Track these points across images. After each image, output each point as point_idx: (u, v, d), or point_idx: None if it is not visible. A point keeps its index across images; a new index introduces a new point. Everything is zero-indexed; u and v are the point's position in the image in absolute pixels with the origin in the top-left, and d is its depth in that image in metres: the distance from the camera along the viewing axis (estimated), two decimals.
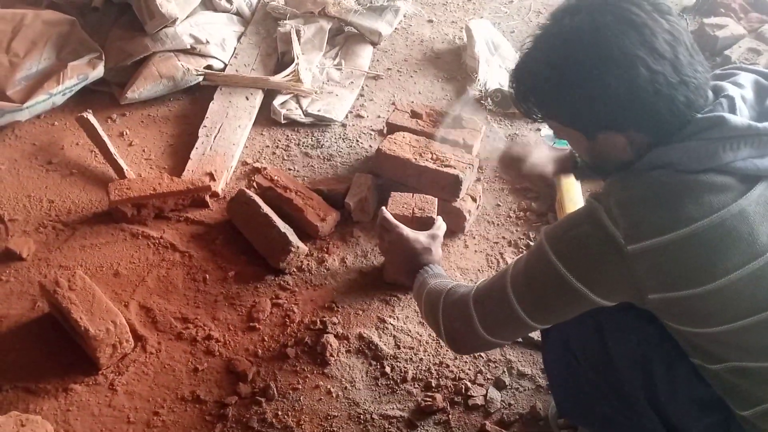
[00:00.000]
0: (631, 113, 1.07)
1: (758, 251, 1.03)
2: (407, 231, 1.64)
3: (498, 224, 2.15)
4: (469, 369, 1.74)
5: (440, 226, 1.74)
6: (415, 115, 2.29)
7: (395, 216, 1.75)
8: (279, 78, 2.61)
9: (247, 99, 2.57)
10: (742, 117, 1.07)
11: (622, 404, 1.28)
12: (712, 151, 1.04)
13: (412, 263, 1.58)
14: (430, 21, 3.17)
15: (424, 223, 1.79)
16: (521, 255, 1.26)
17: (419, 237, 1.63)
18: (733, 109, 1.08)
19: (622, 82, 1.04)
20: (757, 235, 1.03)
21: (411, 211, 1.84)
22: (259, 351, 1.77)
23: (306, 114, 2.53)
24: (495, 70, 2.75)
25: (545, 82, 1.14)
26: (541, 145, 1.81)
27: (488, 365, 1.75)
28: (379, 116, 2.58)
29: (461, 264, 2.02)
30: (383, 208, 1.74)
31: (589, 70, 1.06)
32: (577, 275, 1.12)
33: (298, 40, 2.75)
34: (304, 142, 2.45)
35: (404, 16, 3.14)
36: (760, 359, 1.11)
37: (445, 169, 2.02)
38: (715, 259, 1.03)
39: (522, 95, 1.20)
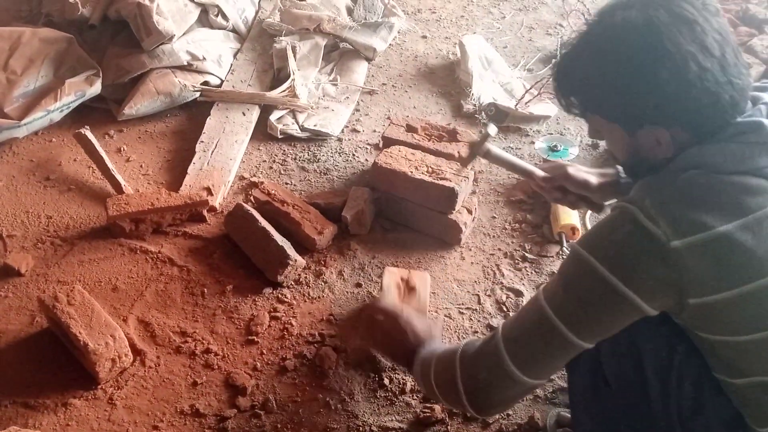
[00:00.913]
0: (678, 108, 1.09)
1: None
2: (402, 312, 1.55)
3: (494, 236, 2.16)
4: None
5: (437, 324, 1.67)
6: (410, 129, 2.31)
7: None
8: (275, 93, 2.63)
9: (244, 114, 2.60)
10: None
11: (646, 426, 1.26)
12: (749, 155, 1.07)
13: (411, 343, 1.49)
14: (424, 37, 3.20)
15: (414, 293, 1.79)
16: (547, 281, 1.23)
17: (419, 318, 1.57)
18: None
19: (673, 77, 1.06)
20: None
21: (405, 284, 1.81)
22: (258, 364, 1.77)
23: (302, 129, 2.56)
24: (488, 84, 2.78)
25: (594, 75, 1.15)
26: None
27: None
28: (374, 130, 2.61)
29: (458, 276, 2.03)
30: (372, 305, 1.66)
31: (642, 63, 1.08)
32: (623, 277, 1.09)
33: (294, 56, 2.78)
34: (300, 157, 2.47)
35: (398, 33, 3.17)
36: None
37: (441, 182, 2.04)
38: (752, 259, 1.05)
39: (567, 89, 1.22)
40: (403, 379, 1.74)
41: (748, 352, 1.13)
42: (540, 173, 1.72)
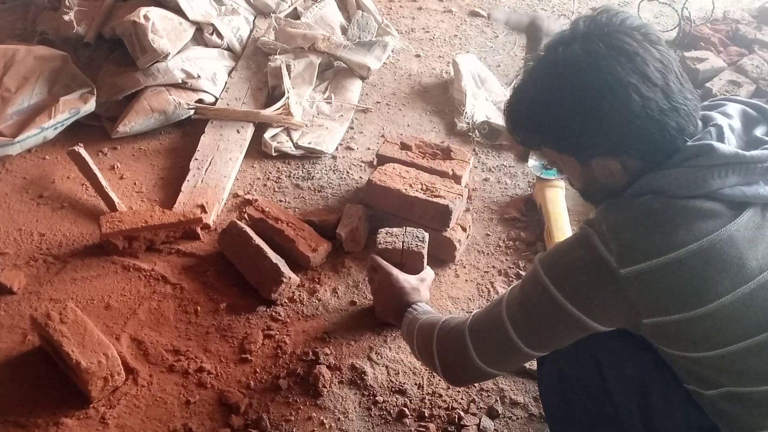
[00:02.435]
0: (624, 139, 1.11)
1: (747, 276, 1.05)
2: (396, 271, 1.68)
3: (488, 253, 2.17)
4: (462, 398, 1.74)
5: (428, 272, 1.78)
6: (404, 146, 2.32)
7: (384, 250, 1.77)
8: (270, 111, 2.64)
9: (238, 132, 2.60)
10: (729, 145, 1.10)
11: None
12: (701, 178, 1.07)
13: (400, 302, 1.61)
14: (418, 56, 3.23)
15: (413, 257, 1.79)
16: (516, 283, 1.28)
17: (408, 278, 1.68)
18: (721, 138, 1.11)
19: (615, 109, 1.08)
20: (745, 260, 1.05)
21: (401, 245, 1.81)
22: (252, 383, 1.76)
23: (297, 146, 2.56)
24: (482, 103, 2.80)
25: (540, 110, 1.17)
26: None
27: (481, 394, 1.75)
28: (368, 148, 2.61)
29: (452, 293, 2.03)
30: (373, 255, 1.77)
31: (583, 97, 1.10)
32: (573, 300, 1.14)
33: (289, 74, 2.79)
34: (295, 174, 2.47)
35: (392, 51, 3.19)
36: (754, 384, 1.12)
37: (435, 200, 2.04)
38: (706, 283, 1.06)
39: (517, 123, 1.24)
40: (397, 398, 1.73)
41: (712, 367, 1.14)
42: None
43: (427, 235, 1.83)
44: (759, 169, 1.08)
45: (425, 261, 1.81)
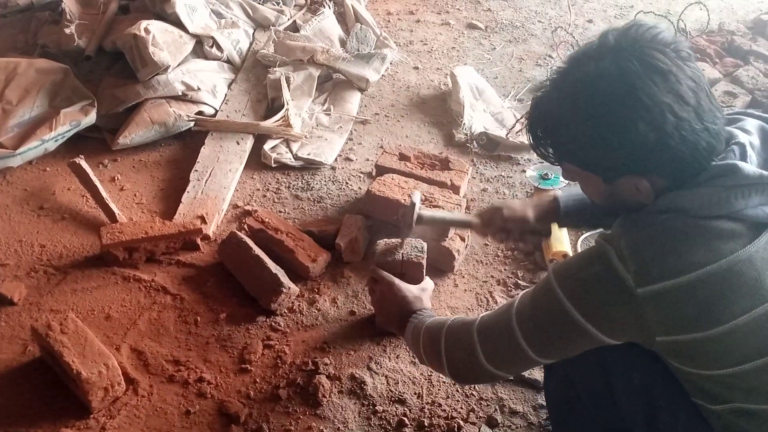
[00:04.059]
0: (657, 158, 1.08)
1: (765, 296, 1.05)
2: (397, 281, 1.69)
3: (486, 263, 2.18)
4: (462, 407, 1.75)
5: (428, 282, 1.78)
6: (403, 157, 2.34)
7: (385, 262, 1.78)
8: (269, 123, 2.66)
9: (238, 144, 2.62)
10: (752, 164, 1.09)
11: None
12: (724, 199, 1.06)
13: (403, 311, 1.61)
14: (416, 68, 3.25)
15: (413, 267, 1.79)
16: (527, 290, 1.27)
17: (410, 287, 1.68)
18: (744, 157, 1.11)
19: (650, 129, 1.05)
20: (763, 281, 1.05)
21: (400, 255, 1.81)
22: (251, 393, 1.77)
23: (296, 158, 2.58)
24: (479, 114, 2.82)
25: (569, 127, 1.14)
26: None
27: (480, 403, 1.76)
28: (367, 159, 2.63)
29: (451, 303, 2.04)
30: (374, 266, 1.77)
31: (618, 116, 1.07)
32: (585, 314, 1.13)
33: (288, 86, 2.81)
34: (294, 185, 2.48)
35: (391, 63, 3.22)
36: (764, 402, 1.12)
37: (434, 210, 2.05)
38: (723, 303, 1.05)
39: (541, 138, 1.21)
40: (397, 407, 1.74)
41: (722, 384, 1.14)
42: (476, 221, 1.77)
43: (425, 245, 1.83)
44: None
45: (424, 271, 1.82)
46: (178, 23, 2.82)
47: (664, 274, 1.06)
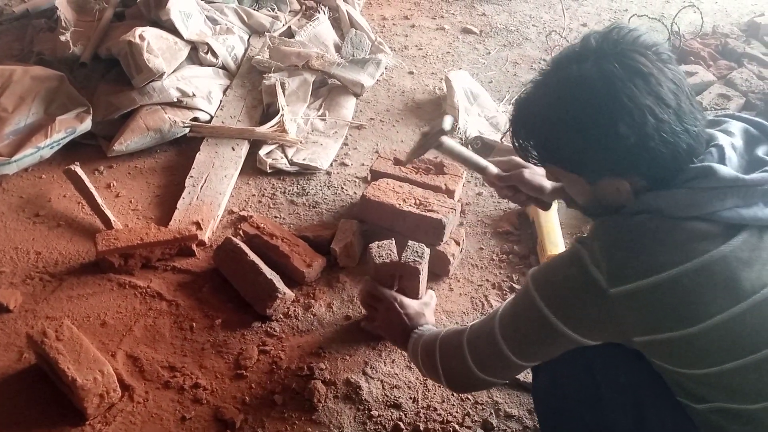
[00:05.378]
0: (637, 160, 1.09)
1: (739, 296, 1.05)
2: (400, 297, 1.69)
3: (482, 267, 2.18)
4: (457, 411, 1.75)
5: (431, 296, 1.79)
6: (398, 162, 2.34)
7: (383, 265, 1.77)
8: (264, 129, 2.67)
9: (233, 149, 2.62)
10: (731, 166, 1.10)
11: None
12: (699, 200, 1.07)
13: (405, 328, 1.61)
14: (411, 73, 3.26)
15: (409, 272, 1.77)
16: (510, 297, 1.29)
17: (412, 303, 1.68)
18: (722, 159, 1.11)
19: (631, 131, 1.06)
20: (738, 281, 1.05)
21: (396, 257, 1.79)
22: (247, 398, 1.77)
23: (291, 163, 2.58)
24: (474, 118, 2.82)
25: (552, 129, 1.15)
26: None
27: (475, 407, 1.76)
28: (363, 164, 2.64)
29: (446, 307, 2.04)
30: (367, 277, 1.78)
31: (599, 117, 1.08)
32: (561, 317, 1.15)
33: (283, 92, 2.82)
34: (289, 191, 2.49)
35: (386, 69, 3.23)
36: (745, 402, 1.12)
37: (429, 214, 2.06)
38: (696, 303, 1.06)
39: (524, 140, 1.22)
40: (392, 412, 1.74)
41: (703, 384, 1.14)
42: (494, 170, 1.75)
43: (428, 251, 1.81)
44: (759, 191, 1.07)
45: (425, 278, 1.81)
46: (173, 30, 2.83)
47: (637, 274, 1.06)
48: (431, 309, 1.72)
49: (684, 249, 1.06)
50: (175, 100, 2.68)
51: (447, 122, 1.73)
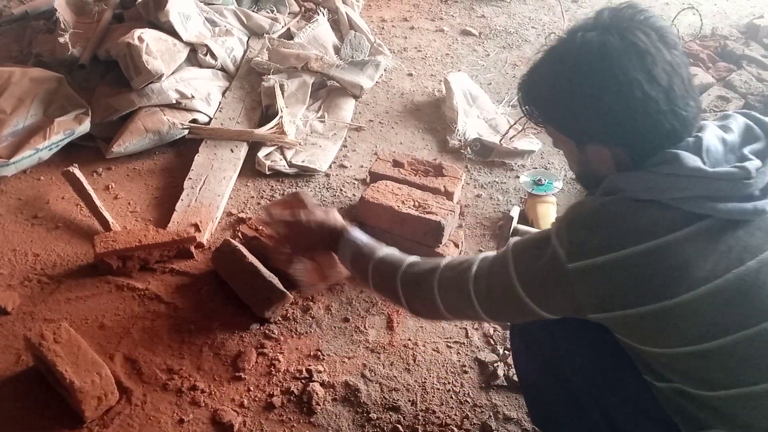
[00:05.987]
0: (618, 130, 1.14)
1: (691, 284, 1.07)
2: (300, 211, 1.59)
3: None
4: (456, 414, 1.75)
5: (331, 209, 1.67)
6: (397, 164, 2.34)
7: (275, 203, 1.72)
8: (263, 130, 2.67)
9: (232, 151, 2.62)
10: (708, 159, 1.11)
11: (578, 411, 1.33)
12: (659, 185, 1.10)
13: (330, 233, 1.55)
14: (410, 75, 3.26)
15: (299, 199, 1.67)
16: (489, 253, 1.33)
17: (314, 208, 1.61)
18: (698, 150, 1.12)
19: (617, 100, 1.11)
20: (689, 269, 1.06)
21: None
22: (245, 401, 1.77)
23: (290, 165, 2.58)
24: (473, 120, 2.82)
25: (550, 89, 1.22)
26: None
27: (474, 410, 1.76)
28: (362, 166, 2.63)
29: None
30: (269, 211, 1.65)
31: (589, 83, 1.14)
32: (527, 290, 1.20)
33: (282, 94, 2.82)
34: (288, 192, 2.49)
35: (385, 70, 3.23)
36: (700, 388, 1.14)
37: (428, 216, 2.06)
38: (646, 285, 1.08)
39: (527, 98, 1.28)
40: (391, 414, 1.74)
41: (659, 362, 1.17)
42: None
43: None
44: (726, 185, 1.08)
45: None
46: (172, 32, 2.83)
47: (592, 251, 1.10)
48: (335, 211, 1.62)
49: (639, 231, 1.09)
50: (174, 101, 2.68)
51: (514, 211, 1.95)
